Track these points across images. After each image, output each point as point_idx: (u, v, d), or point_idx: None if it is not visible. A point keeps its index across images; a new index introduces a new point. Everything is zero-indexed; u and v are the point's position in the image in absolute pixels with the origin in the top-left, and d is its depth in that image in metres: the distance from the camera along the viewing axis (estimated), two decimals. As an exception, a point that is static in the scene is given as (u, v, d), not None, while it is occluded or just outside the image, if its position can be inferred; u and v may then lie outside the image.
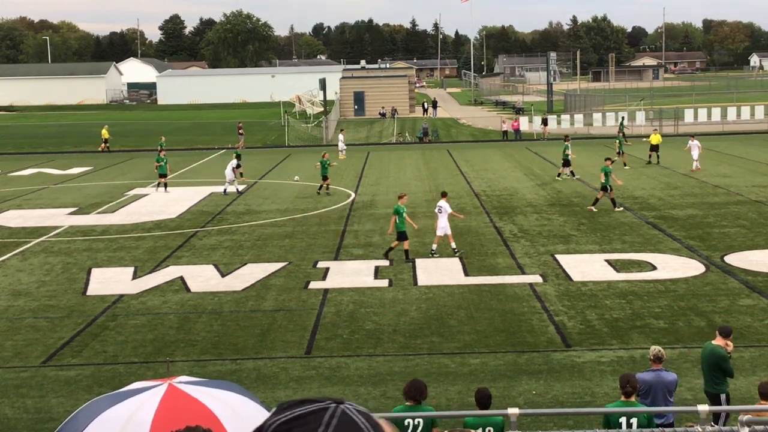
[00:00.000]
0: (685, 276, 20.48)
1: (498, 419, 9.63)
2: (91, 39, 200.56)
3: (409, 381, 10.11)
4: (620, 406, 9.81)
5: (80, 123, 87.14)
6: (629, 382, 9.86)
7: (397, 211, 22.79)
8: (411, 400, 9.62)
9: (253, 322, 17.75)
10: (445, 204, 23.51)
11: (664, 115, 65.11)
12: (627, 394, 9.85)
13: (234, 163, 36.15)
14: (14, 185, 41.32)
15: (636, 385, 9.93)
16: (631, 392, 9.83)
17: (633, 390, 9.84)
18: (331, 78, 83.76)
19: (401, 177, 40.82)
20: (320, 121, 65.96)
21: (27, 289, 20.93)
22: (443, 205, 23.46)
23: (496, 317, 17.61)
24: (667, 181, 36.53)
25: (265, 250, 24.68)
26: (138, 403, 5.53)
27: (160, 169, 37.13)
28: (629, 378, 9.97)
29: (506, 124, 61.15)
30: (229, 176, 35.82)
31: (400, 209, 22.79)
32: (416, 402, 9.60)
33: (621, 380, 10.02)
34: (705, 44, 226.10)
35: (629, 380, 9.90)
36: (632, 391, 9.84)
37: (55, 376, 14.91)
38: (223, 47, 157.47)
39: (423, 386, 9.74)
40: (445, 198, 23.94)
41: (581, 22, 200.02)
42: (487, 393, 10.01)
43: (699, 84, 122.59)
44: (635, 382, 9.93)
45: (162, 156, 37.61)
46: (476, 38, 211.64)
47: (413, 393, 9.62)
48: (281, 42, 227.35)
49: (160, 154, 37.83)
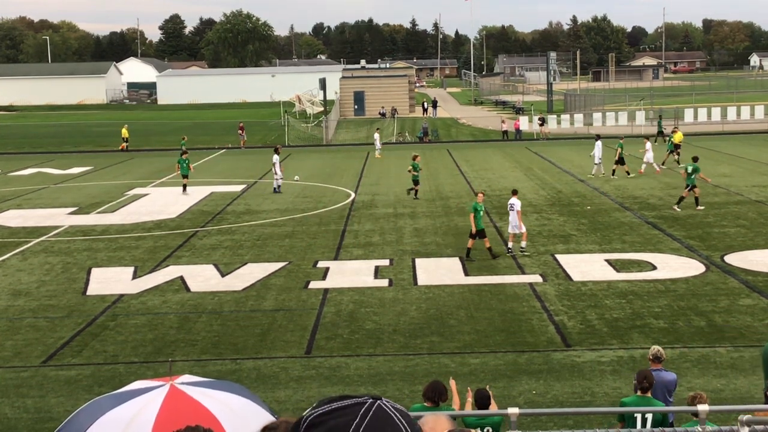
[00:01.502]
0: (685, 276, 20.49)
1: (497, 418, 9.64)
2: (91, 39, 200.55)
3: (429, 382, 10.16)
4: (636, 401, 9.84)
5: (80, 123, 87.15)
6: (646, 378, 9.89)
7: (474, 208, 22.67)
8: (429, 401, 9.71)
9: (253, 322, 17.75)
10: (516, 201, 23.42)
11: (664, 115, 65.13)
12: (644, 389, 9.89)
13: (277, 158, 36.08)
14: (14, 185, 41.32)
15: (653, 381, 9.94)
16: (647, 387, 9.87)
17: (650, 386, 9.88)
18: (331, 78, 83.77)
19: (401, 177, 40.80)
20: (320, 121, 65.97)
21: (27, 289, 20.93)
22: (514, 202, 23.39)
23: (496, 317, 17.61)
24: (667, 181, 36.53)
25: (265, 250, 24.69)
26: (140, 405, 5.53)
27: (182, 170, 36.28)
28: (647, 374, 10.00)
29: (506, 124, 61.16)
30: (278, 172, 35.80)
31: (478, 207, 22.73)
32: (434, 403, 9.69)
33: (638, 375, 10.05)
34: (705, 44, 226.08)
35: (646, 376, 9.94)
36: (649, 386, 9.87)
37: (55, 376, 14.91)
38: (223, 47, 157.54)
39: (442, 388, 9.82)
40: (516, 195, 23.85)
41: (581, 22, 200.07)
42: (486, 393, 10.03)
43: (699, 84, 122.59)
44: (652, 378, 9.95)
45: (184, 158, 36.75)
46: (476, 38, 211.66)
47: (431, 394, 9.71)
48: (281, 42, 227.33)
49: (182, 156, 36.97)
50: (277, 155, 36.25)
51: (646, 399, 9.83)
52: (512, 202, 23.50)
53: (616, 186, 35.45)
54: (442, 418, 2.91)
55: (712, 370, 14.26)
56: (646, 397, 9.86)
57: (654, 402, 9.83)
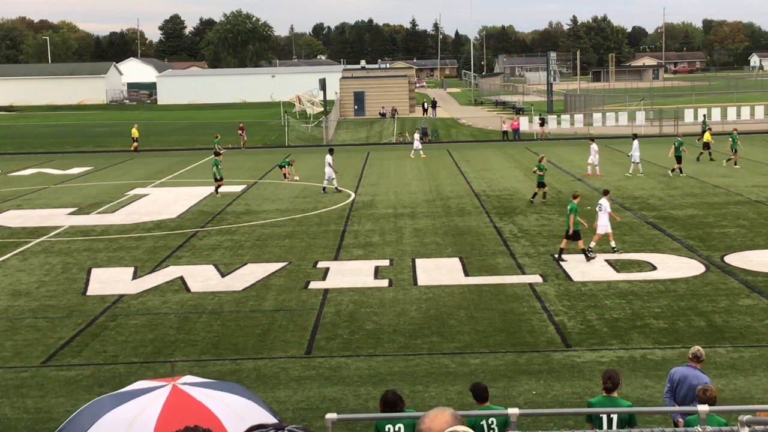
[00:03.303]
0: (685, 276, 20.49)
1: (500, 419, 9.65)
2: (91, 39, 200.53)
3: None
4: (601, 401, 10.02)
5: (80, 123, 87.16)
6: (610, 378, 10.15)
7: (573, 209, 22.65)
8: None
9: (253, 322, 17.76)
10: (605, 202, 23.33)
11: (664, 115, 65.13)
12: (607, 389, 10.15)
13: (330, 158, 35.97)
14: (14, 185, 41.33)
15: (617, 382, 10.11)
16: (611, 388, 10.12)
17: (614, 386, 10.10)
18: (331, 78, 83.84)
19: (401, 177, 40.83)
20: (320, 121, 65.98)
21: (27, 289, 20.94)
22: (604, 203, 23.31)
23: (496, 317, 17.61)
24: (667, 181, 36.54)
25: (265, 250, 24.69)
26: (142, 405, 5.54)
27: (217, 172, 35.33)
28: (611, 374, 10.24)
29: (506, 124, 61.19)
30: (329, 173, 35.77)
31: (576, 208, 22.67)
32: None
33: (603, 375, 10.33)
34: (705, 44, 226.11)
35: (611, 376, 10.18)
36: (613, 387, 10.10)
37: (55, 376, 14.92)
38: (223, 47, 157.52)
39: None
40: (606, 196, 23.75)
41: (581, 22, 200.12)
42: (483, 385, 10.22)
43: (699, 84, 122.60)
44: (617, 379, 10.12)
45: (217, 159, 35.92)
46: (476, 38, 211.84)
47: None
48: (281, 42, 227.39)
49: (217, 157, 36.17)
50: (329, 155, 36.21)
51: (611, 399, 9.98)
52: (601, 202, 23.40)
53: (616, 186, 35.43)
54: (443, 413, 2.92)
55: (712, 370, 14.24)
56: (611, 397, 10.01)
57: (620, 402, 9.98)
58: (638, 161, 38.70)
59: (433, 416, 2.88)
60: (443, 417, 2.91)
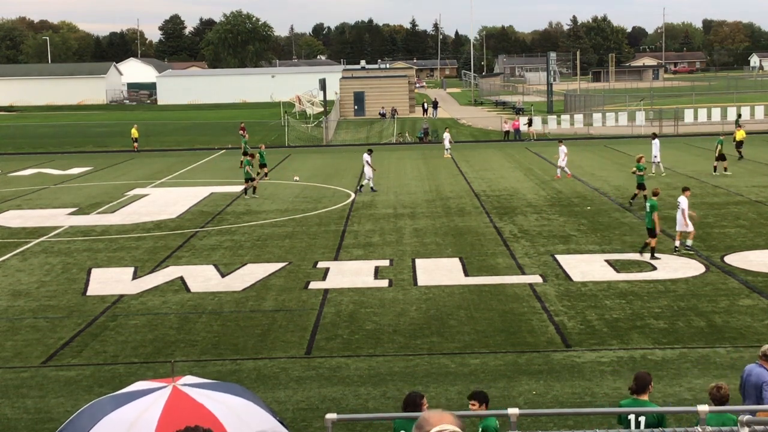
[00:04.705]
0: (685, 276, 20.49)
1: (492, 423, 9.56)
2: (91, 39, 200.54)
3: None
4: (629, 404, 9.85)
5: (80, 123, 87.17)
6: (636, 379, 9.92)
7: (654, 206, 22.50)
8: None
9: (253, 322, 17.76)
10: (683, 200, 23.31)
11: (664, 115, 65.13)
12: (632, 391, 9.92)
13: (368, 157, 35.96)
14: (14, 185, 41.33)
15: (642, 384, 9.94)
16: (636, 390, 9.90)
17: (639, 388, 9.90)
18: (331, 78, 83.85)
19: (401, 177, 40.83)
20: (320, 122, 65.99)
21: (27, 289, 20.93)
22: (682, 200, 23.31)
23: (496, 317, 17.61)
24: (667, 181, 36.52)
25: (265, 251, 24.69)
26: (143, 406, 5.54)
27: (249, 171, 34.83)
28: (637, 375, 10.03)
29: (508, 124, 61.22)
30: (369, 173, 35.80)
31: (657, 205, 22.62)
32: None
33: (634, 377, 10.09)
34: (705, 44, 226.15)
35: (636, 377, 9.97)
36: (638, 389, 9.90)
37: (55, 377, 14.91)
38: (223, 47, 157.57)
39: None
40: (685, 193, 23.68)
41: (581, 23, 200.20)
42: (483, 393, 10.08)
43: (699, 84, 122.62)
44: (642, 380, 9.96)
45: (248, 159, 35.33)
46: (476, 38, 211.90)
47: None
48: (281, 42, 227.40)
49: (248, 157, 35.56)
50: (368, 155, 36.22)
51: (638, 401, 9.87)
52: (680, 200, 23.41)
53: (616, 186, 35.46)
54: (443, 416, 2.91)
55: (712, 371, 14.26)
56: (638, 399, 9.90)
57: (646, 405, 9.84)
58: (658, 161, 38.55)
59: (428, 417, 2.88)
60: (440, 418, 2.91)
